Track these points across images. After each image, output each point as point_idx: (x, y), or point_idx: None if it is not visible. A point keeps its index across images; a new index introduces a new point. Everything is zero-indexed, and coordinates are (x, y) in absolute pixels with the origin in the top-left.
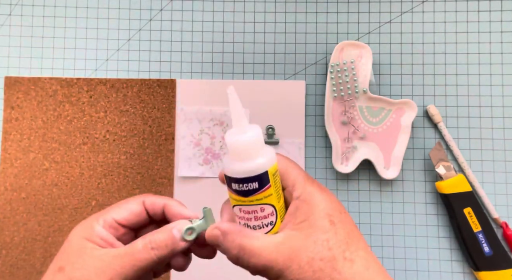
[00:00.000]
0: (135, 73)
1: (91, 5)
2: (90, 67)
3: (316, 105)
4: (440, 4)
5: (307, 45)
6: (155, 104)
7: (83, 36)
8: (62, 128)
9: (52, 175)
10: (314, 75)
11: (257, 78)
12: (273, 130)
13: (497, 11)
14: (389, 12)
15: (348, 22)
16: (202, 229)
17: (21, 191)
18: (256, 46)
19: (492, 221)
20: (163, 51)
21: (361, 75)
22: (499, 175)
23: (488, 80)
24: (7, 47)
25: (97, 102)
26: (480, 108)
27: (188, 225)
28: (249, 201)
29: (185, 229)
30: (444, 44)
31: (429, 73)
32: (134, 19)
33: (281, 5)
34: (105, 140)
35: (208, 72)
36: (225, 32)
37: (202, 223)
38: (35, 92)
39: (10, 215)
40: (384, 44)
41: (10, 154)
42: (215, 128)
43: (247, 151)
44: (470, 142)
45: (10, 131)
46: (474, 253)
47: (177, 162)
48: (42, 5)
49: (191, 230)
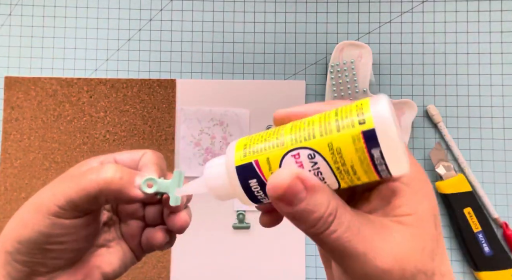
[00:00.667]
0: (135, 73)
1: (91, 5)
2: (90, 67)
3: None
4: (440, 4)
5: (307, 45)
6: (155, 104)
7: (83, 36)
8: (62, 128)
9: (52, 175)
10: (314, 75)
11: (257, 78)
12: None
13: (497, 11)
14: (389, 12)
15: (348, 22)
16: (165, 189)
17: (21, 191)
18: (256, 46)
19: (492, 221)
20: (163, 51)
21: (361, 75)
22: (499, 175)
23: (488, 80)
24: (7, 47)
25: (97, 102)
26: (480, 108)
27: (152, 176)
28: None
29: (146, 178)
30: (444, 44)
31: (429, 73)
32: (134, 19)
33: (281, 5)
34: (105, 140)
35: (208, 72)
36: (225, 32)
37: (169, 183)
38: (35, 92)
39: (10, 215)
40: (384, 44)
41: (10, 154)
42: (215, 128)
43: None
44: (470, 142)
45: (10, 131)
46: (474, 253)
47: (177, 162)
48: (42, 5)
49: (152, 182)
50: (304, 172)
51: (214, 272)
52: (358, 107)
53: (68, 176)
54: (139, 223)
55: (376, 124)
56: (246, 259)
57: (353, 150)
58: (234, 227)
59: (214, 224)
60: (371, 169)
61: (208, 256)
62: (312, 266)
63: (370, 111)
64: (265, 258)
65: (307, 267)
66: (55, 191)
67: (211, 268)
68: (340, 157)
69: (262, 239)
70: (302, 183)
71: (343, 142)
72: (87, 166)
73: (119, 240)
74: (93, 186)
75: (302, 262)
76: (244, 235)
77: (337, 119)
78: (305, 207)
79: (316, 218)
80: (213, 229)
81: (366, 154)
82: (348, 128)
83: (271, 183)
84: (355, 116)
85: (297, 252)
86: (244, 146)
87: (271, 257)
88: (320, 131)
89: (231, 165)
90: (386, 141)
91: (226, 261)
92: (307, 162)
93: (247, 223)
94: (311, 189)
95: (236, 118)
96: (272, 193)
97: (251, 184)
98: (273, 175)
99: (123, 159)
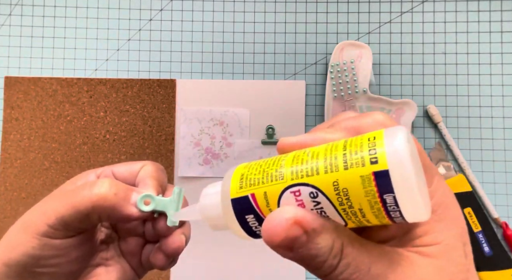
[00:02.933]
0: (135, 73)
1: (91, 5)
2: (90, 67)
3: (316, 105)
4: (440, 4)
5: (307, 45)
6: (155, 104)
7: (83, 36)
8: (62, 128)
9: (52, 175)
10: (314, 75)
11: (257, 78)
12: (273, 130)
13: (497, 11)
14: (389, 12)
15: (348, 22)
16: (163, 208)
17: (21, 191)
18: (256, 46)
19: (492, 221)
20: (163, 51)
21: (361, 75)
22: (499, 175)
23: (488, 80)
24: (7, 47)
25: (97, 102)
26: (480, 108)
27: (147, 193)
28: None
29: (142, 195)
30: (444, 44)
31: (429, 73)
32: (134, 19)
33: (281, 5)
34: (105, 140)
35: (208, 72)
36: (225, 32)
37: (167, 201)
38: (35, 92)
39: (10, 215)
40: (384, 44)
41: (10, 154)
42: (215, 128)
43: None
44: (470, 142)
45: (10, 131)
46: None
47: (177, 162)
48: (42, 5)
49: (150, 199)
50: (304, 214)
51: (214, 272)
52: (371, 141)
53: (60, 192)
54: (139, 240)
55: (390, 164)
56: (246, 259)
57: (362, 192)
58: None
59: None
60: (383, 215)
61: (208, 256)
62: None
63: (384, 147)
64: (265, 258)
65: None
66: (45, 209)
67: (211, 268)
68: (347, 199)
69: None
70: (301, 227)
71: (351, 182)
72: (82, 179)
73: (119, 258)
74: (85, 203)
75: None
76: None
77: (345, 153)
78: (307, 252)
79: (320, 261)
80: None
81: (378, 199)
82: (358, 167)
83: (267, 230)
84: (366, 152)
85: None
86: (241, 176)
87: (271, 257)
88: (325, 166)
89: (226, 197)
90: (402, 186)
91: (226, 261)
92: (309, 201)
93: None
94: (313, 232)
95: (236, 118)
96: (267, 241)
97: (248, 219)
98: (267, 219)
99: (121, 171)
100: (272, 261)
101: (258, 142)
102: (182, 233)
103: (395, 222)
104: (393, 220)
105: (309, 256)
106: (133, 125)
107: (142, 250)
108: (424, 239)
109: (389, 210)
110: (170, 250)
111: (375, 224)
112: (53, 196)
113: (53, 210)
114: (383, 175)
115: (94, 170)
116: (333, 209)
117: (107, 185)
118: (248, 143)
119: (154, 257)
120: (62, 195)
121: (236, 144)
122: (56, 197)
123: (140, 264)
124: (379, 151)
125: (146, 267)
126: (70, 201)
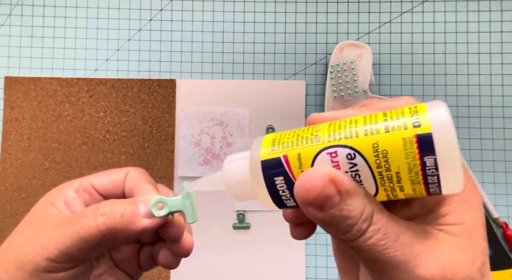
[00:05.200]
0: (135, 73)
1: (91, 5)
2: (90, 67)
3: (316, 105)
4: (440, 4)
5: (307, 45)
6: (155, 104)
7: (83, 36)
8: (62, 128)
9: (52, 175)
10: (314, 75)
11: (257, 78)
12: (273, 130)
13: (497, 11)
14: (389, 12)
15: (348, 22)
16: (178, 208)
17: (21, 191)
18: (256, 46)
19: (492, 221)
20: (163, 51)
21: (361, 75)
22: (499, 175)
23: (488, 80)
24: (7, 47)
25: (97, 102)
26: (480, 108)
27: (158, 197)
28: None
29: (154, 201)
30: (444, 44)
31: (429, 73)
32: (134, 19)
33: (281, 5)
34: (105, 140)
35: (208, 72)
36: (225, 32)
37: (179, 200)
38: (35, 92)
39: (10, 215)
40: (384, 44)
41: (10, 154)
42: (215, 128)
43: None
44: (470, 142)
45: (10, 131)
46: None
47: (177, 162)
48: (42, 5)
49: (162, 203)
50: (339, 174)
51: (214, 272)
52: (412, 110)
53: (38, 219)
54: (133, 246)
55: (434, 128)
56: (246, 259)
57: (402, 155)
58: (234, 227)
59: (214, 224)
60: (420, 180)
61: (208, 256)
62: (312, 266)
63: (428, 113)
64: (265, 258)
65: (307, 267)
66: (43, 242)
67: (211, 268)
68: (386, 161)
69: (262, 239)
70: (335, 186)
71: (392, 144)
72: (59, 197)
73: (111, 270)
74: (93, 233)
75: (302, 262)
76: (244, 235)
77: (386, 119)
78: (338, 213)
79: (350, 224)
80: (213, 229)
81: (418, 161)
82: (400, 130)
83: (301, 184)
84: (409, 118)
85: (297, 252)
86: (273, 140)
87: (271, 257)
88: (364, 130)
89: (256, 159)
90: (445, 150)
91: (226, 261)
92: (345, 162)
93: (247, 223)
94: (346, 193)
95: (236, 118)
96: (300, 195)
97: (276, 182)
98: (303, 174)
99: (103, 183)
100: (272, 261)
101: None
102: (189, 232)
103: (428, 190)
104: (428, 186)
105: (339, 217)
106: (133, 125)
107: (139, 254)
108: (448, 218)
109: (427, 175)
110: (183, 252)
111: (406, 194)
112: (31, 225)
113: (55, 244)
114: (426, 137)
115: (70, 184)
116: (369, 171)
117: (109, 209)
118: (248, 143)
119: (166, 260)
120: (60, 226)
121: (236, 144)
122: (50, 227)
123: (137, 268)
124: (422, 116)
125: (144, 269)
126: (74, 232)
